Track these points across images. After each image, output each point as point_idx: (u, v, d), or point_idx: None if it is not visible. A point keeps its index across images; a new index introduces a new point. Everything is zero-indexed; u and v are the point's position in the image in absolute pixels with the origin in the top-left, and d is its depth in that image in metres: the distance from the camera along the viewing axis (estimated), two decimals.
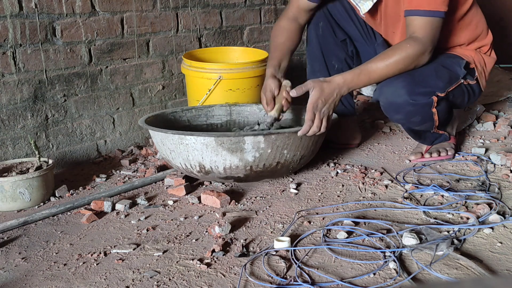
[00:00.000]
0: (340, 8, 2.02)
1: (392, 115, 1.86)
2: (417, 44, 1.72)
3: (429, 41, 1.73)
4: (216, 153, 1.69)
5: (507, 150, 2.09)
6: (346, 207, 1.67)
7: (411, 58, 1.73)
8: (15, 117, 1.96)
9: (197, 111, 2.13)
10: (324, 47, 2.07)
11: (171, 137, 1.72)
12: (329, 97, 1.72)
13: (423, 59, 1.75)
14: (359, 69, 1.76)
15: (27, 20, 1.93)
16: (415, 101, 1.76)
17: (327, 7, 2.04)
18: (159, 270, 1.35)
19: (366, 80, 1.76)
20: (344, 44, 2.07)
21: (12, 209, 1.74)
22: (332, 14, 2.04)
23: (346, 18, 2.03)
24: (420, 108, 1.79)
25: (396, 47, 1.76)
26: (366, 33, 2.05)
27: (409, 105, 1.77)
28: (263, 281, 1.28)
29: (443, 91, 1.81)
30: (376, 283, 1.25)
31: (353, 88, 1.76)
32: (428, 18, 1.71)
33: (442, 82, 1.81)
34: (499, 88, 2.81)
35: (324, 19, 2.04)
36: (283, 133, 1.69)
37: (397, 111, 1.81)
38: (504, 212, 1.57)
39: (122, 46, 2.23)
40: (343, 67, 2.08)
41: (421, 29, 1.72)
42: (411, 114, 1.81)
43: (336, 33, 2.05)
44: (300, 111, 2.06)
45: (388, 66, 1.73)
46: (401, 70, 1.75)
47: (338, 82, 1.73)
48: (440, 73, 1.82)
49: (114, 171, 2.07)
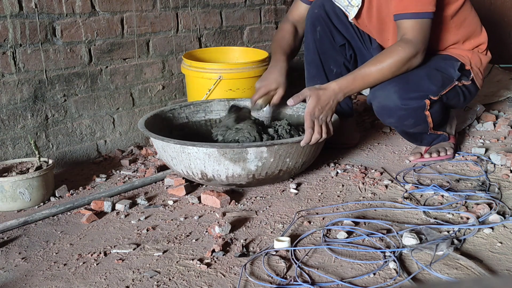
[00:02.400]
0: (338, 11, 2.01)
1: (385, 119, 1.89)
2: (408, 47, 1.73)
3: (420, 42, 1.74)
4: (218, 162, 1.69)
5: (507, 150, 2.09)
6: (346, 207, 1.67)
7: (404, 60, 1.74)
8: (15, 117, 1.96)
9: (195, 107, 2.13)
10: (321, 52, 2.07)
11: (172, 145, 1.72)
12: (326, 104, 1.74)
13: (416, 60, 1.77)
14: (353, 74, 1.78)
15: (27, 20, 1.92)
16: (407, 106, 1.79)
17: (325, 10, 2.03)
18: (159, 270, 1.35)
19: (361, 85, 1.79)
20: (342, 49, 2.07)
21: (12, 209, 1.74)
22: (330, 17, 2.03)
23: (345, 21, 2.03)
24: (412, 112, 1.81)
25: (388, 50, 1.78)
26: (364, 37, 2.06)
27: (400, 109, 1.79)
28: (263, 281, 1.28)
29: (436, 95, 1.83)
30: (376, 283, 1.25)
31: (349, 93, 1.79)
32: (416, 20, 1.73)
33: (435, 86, 1.83)
34: (499, 88, 2.81)
35: (322, 23, 2.03)
36: (286, 143, 1.69)
37: (390, 115, 1.84)
38: (504, 212, 1.57)
39: (122, 46, 2.22)
40: (342, 71, 2.09)
41: (410, 31, 1.74)
42: (404, 118, 1.83)
43: (335, 38, 2.05)
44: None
45: (381, 70, 1.76)
46: (394, 73, 1.77)
47: (334, 88, 1.75)
48: (433, 77, 1.84)
49: (114, 171, 2.07)
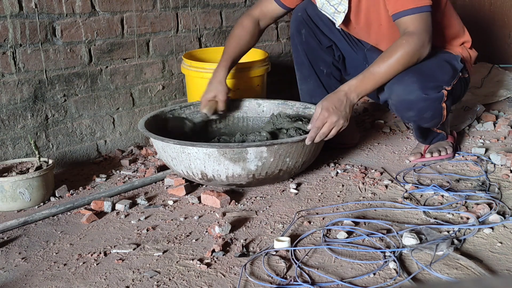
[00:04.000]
0: (321, 15, 1.98)
1: (404, 113, 1.84)
2: (412, 38, 1.71)
3: (424, 32, 1.72)
4: (218, 162, 1.69)
5: (507, 150, 2.09)
6: (346, 207, 1.67)
7: (412, 52, 1.72)
8: (15, 117, 1.96)
9: (195, 107, 2.13)
10: (309, 54, 2.06)
11: (172, 146, 1.72)
12: (340, 104, 1.71)
13: (424, 50, 1.74)
14: (362, 74, 1.75)
15: (27, 20, 1.92)
16: (428, 96, 1.76)
17: (307, 13, 2.01)
18: (159, 270, 1.35)
19: (373, 84, 1.75)
20: (330, 50, 2.06)
21: (12, 209, 1.74)
22: (314, 21, 2.02)
23: (329, 24, 2.01)
24: (431, 103, 1.78)
25: (393, 46, 1.75)
26: (351, 39, 2.04)
27: (422, 100, 1.76)
28: (263, 281, 1.28)
29: (449, 85, 1.82)
30: (376, 283, 1.25)
31: (362, 93, 1.75)
32: (417, 14, 1.72)
33: (447, 76, 1.82)
34: (499, 88, 2.81)
35: (305, 26, 2.02)
36: (286, 143, 1.69)
37: (409, 108, 1.80)
38: (504, 212, 1.57)
39: (122, 46, 2.23)
40: (332, 71, 2.08)
41: (412, 24, 1.73)
42: (423, 110, 1.80)
43: (321, 40, 2.04)
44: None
45: (390, 65, 1.72)
46: (405, 66, 1.73)
47: (344, 89, 1.73)
48: (444, 67, 1.83)
49: (114, 171, 2.07)
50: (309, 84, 2.11)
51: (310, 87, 2.12)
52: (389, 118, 2.55)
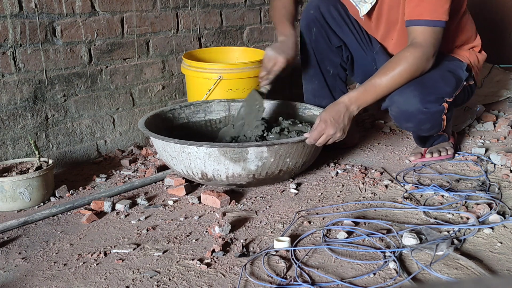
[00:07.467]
0: (334, 13, 1.99)
1: (403, 123, 1.86)
2: (417, 52, 1.71)
3: (430, 46, 1.71)
4: (218, 162, 1.69)
5: (507, 150, 2.09)
6: (346, 207, 1.67)
7: (415, 66, 1.72)
8: (15, 117, 1.96)
9: (195, 107, 2.13)
10: (317, 53, 2.06)
11: (172, 145, 1.72)
12: (338, 116, 1.72)
13: (427, 65, 1.74)
14: (363, 86, 1.75)
15: (27, 20, 1.92)
16: (428, 109, 1.76)
17: (320, 11, 2.00)
18: (159, 270, 1.35)
19: (374, 96, 1.75)
20: (339, 50, 2.05)
21: (12, 209, 1.74)
22: (326, 19, 2.01)
23: (341, 23, 2.00)
24: (430, 116, 1.79)
25: (397, 58, 1.74)
26: (363, 38, 2.03)
27: (421, 113, 1.76)
28: (263, 281, 1.28)
29: (451, 96, 1.81)
30: (376, 283, 1.25)
31: (362, 105, 1.75)
32: (429, 27, 1.71)
33: (450, 88, 1.81)
34: (499, 88, 2.81)
35: (317, 24, 2.01)
36: (286, 143, 1.69)
37: (408, 119, 1.81)
38: (504, 212, 1.57)
39: (122, 46, 2.22)
40: (339, 72, 2.08)
41: (422, 35, 1.71)
42: (422, 122, 1.81)
43: (331, 39, 2.03)
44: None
45: (393, 78, 1.72)
46: (407, 79, 1.73)
47: (344, 100, 1.74)
48: (447, 79, 1.81)
49: (114, 171, 2.07)
50: (314, 84, 2.11)
51: (314, 87, 2.11)
52: (389, 118, 2.55)
